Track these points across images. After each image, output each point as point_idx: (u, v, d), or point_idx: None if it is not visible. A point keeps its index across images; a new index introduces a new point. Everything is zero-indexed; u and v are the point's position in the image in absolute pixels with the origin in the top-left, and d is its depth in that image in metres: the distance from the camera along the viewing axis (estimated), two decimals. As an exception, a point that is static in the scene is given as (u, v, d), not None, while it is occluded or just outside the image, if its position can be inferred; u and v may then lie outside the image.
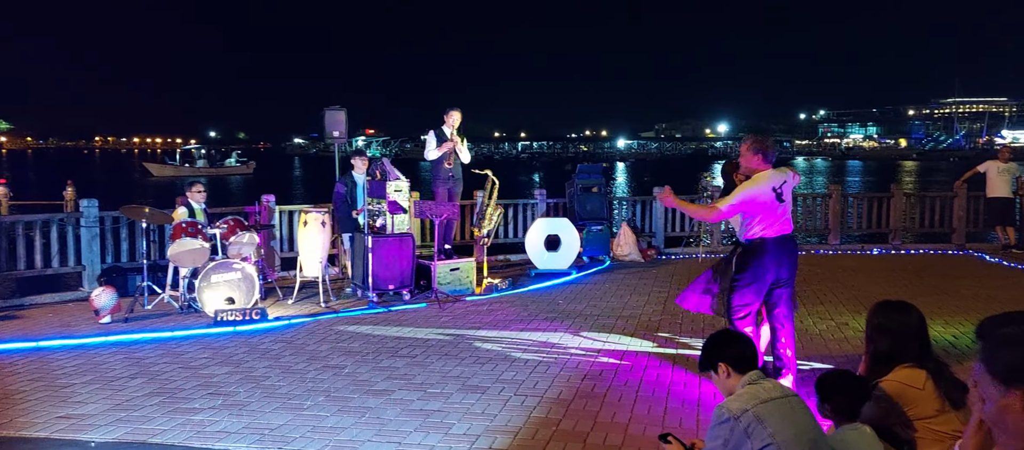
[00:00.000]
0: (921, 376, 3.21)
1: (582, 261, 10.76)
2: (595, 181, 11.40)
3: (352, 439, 4.57)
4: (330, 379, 5.70)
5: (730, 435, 2.75)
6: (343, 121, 10.06)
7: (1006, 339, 1.61)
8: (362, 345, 6.64)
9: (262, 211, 9.78)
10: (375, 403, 5.17)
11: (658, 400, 5.18)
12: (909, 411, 3.20)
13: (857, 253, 12.15)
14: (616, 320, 7.50)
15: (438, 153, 9.37)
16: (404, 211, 8.38)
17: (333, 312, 7.91)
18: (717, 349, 3.03)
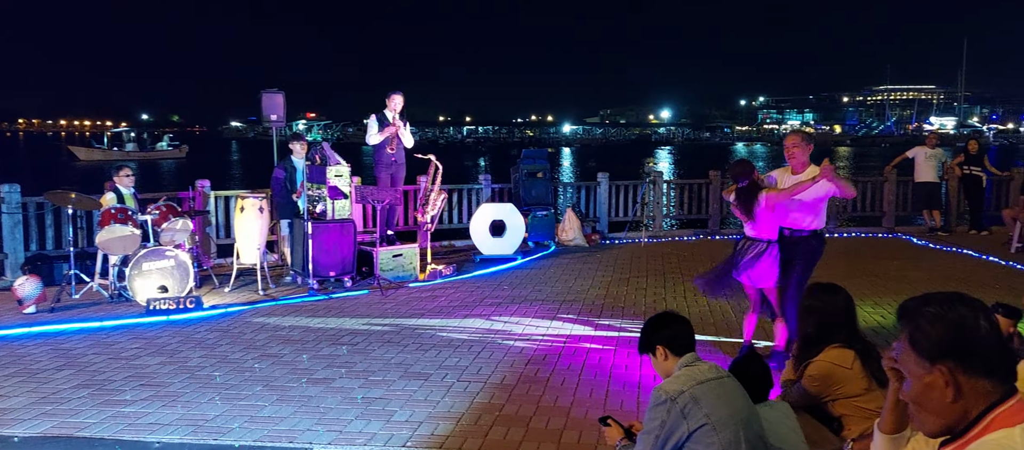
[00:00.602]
0: (849, 356, 3.32)
1: (527, 246, 10.78)
2: (540, 166, 11.41)
3: (291, 428, 4.48)
4: (268, 368, 5.58)
5: (667, 416, 2.78)
6: (281, 104, 9.81)
7: (929, 318, 1.64)
8: (302, 333, 6.52)
9: (197, 197, 9.49)
10: (315, 392, 5.09)
11: (600, 383, 5.22)
12: (838, 390, 3.31)
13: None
14: (560, 304, 7.54)
15: (380, 137, 9.24)
16: (345, 196, 8.24)
17: (272, 300, 7.74)
18: (655, 332, 3.06)
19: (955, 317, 1.61)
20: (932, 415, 1.65)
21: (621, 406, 4.81)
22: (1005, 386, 1.60)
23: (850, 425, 3.25)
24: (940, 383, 1.61)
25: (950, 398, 1.61)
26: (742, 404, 2.83)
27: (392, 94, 9.33)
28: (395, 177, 9.40)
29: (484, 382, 5.26)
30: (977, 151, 12.76)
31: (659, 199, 12.67)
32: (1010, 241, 10.75)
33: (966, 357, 1.59)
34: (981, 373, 1.59)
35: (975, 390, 1.59)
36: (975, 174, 12.48)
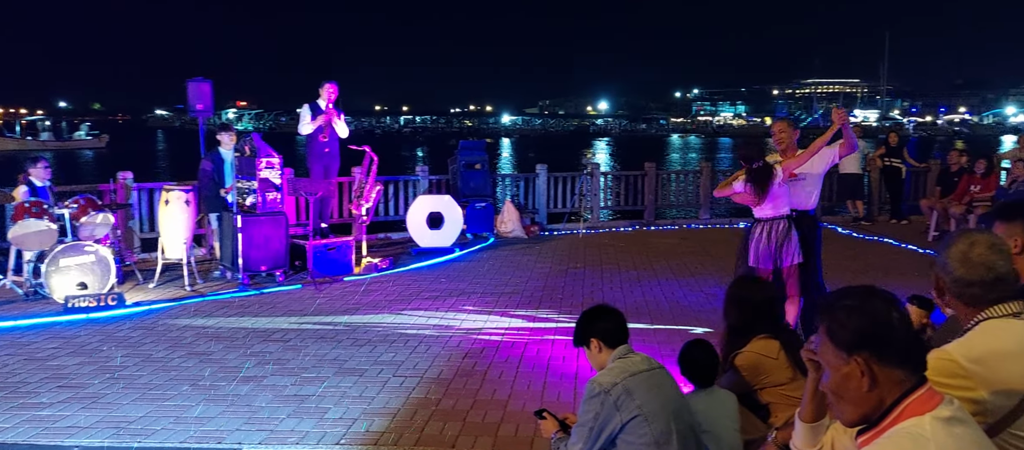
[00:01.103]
0: (775, 346, 3.40)
1: (466, 238, 10.73)
2: (478, 158, 11.35)
3: (219, 429, 4.35)
4: (196, 366, 5.40)
5: (601, 408, 2.79)
6: (209, 94, 9.47)
7: (846, 311, 1.70)
8: (231, 330, 6.33)
9: (118, 189, 9.10)
10: (245, 390, 4.95)
11: (537, 375, 5.23)
12: (765, 379, 3.39)
13: (725, 227, 12.76)
14: (498, 297, 7.52)
15: (312, 127, 9.03)
16: (276, 189, 8.02)
17: (200, 296, 7.49)
18: (589, 324, 3.06)
19: (869, 310, 1.67)
20: (850, 405, 1.70)
21: (558, 397, 4.83)
22: (916, 375, 1.67)
23: (776, 412, 3.34)
24: (856, 373, 1.66)
25: (866, 388, 1.66)
26: (673, 395, 2.86)
27: (326, 83, 9.13)
28: (329, 169, 9.21)
29: (420, 377, 5.20)
30: (897, 143, 13.29)
31: (596, 191, 12.79)
32: (927, 230, 11.23)
33: (880, 348, 1.65)
34: (894, 363, 1.65)
35: (889, 380, 1.65)
36: (895, 166, 12.98)
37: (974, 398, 1.94)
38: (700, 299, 7.45)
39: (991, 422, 1.96)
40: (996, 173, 11.40)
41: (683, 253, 10.02)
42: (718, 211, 13.92)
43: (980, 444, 1.63)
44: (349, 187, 10.42)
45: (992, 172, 11.15)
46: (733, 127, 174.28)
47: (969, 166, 11.38)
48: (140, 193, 9.42)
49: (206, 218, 8.84)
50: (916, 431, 1.58)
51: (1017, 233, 2.55)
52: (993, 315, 2.09)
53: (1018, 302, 2.10)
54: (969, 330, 2.11)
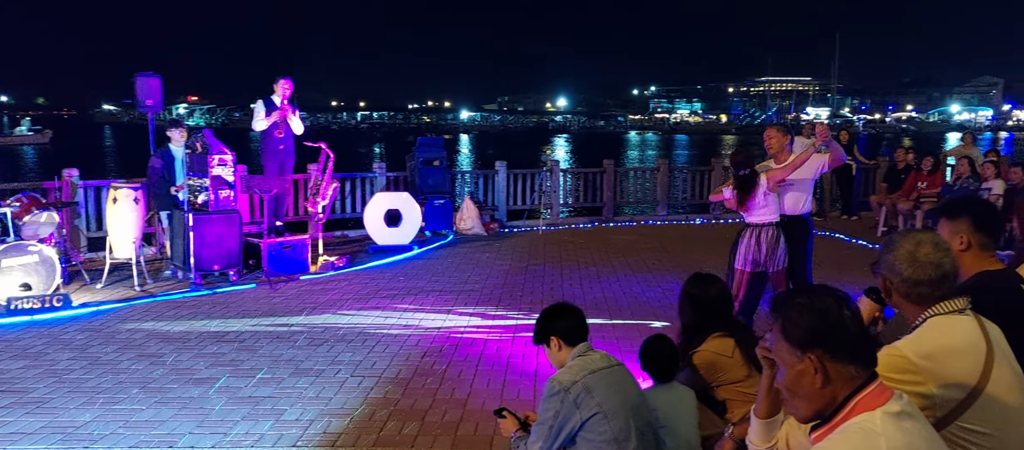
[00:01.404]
0: (730, 345, 3.44)
1: (424, 236, 10.66)
2: (436, 154, 11.28)
3: (171, 433, 4.24)
4: (146, 369, 5.26)
5: (561, 406, 2.79)
6: (158, 89, 9.21)
7: (798, 309, 1.73)
8: (183, 331, 6.18)
9: (63, 187, 8.80)
10: (198, 392, 4.83)
11: (497, 373, 5.21)
12: (722, 376, 3.42)
13: (683, 223, 12.91)
14: (458, 294, 7.48)
15: (267, 123, 8.86)
16: (229, 186, 7.85)
17: (150, 296, 7.30)
18: (549, 322, 3.05)
19: (821, 308, 1.71)
20: (803, 401, 1.74)
21: (518, 395, 4.82)
22: (867, 371, 1.71)
23: (733, 408, 3.38)
24: (810, 370, 1.70)
25: (819, 384, 1.70)
26: (632, 392, 2.87)
27: (281, 79, 8.97)
28: (283, 165, 9.05)
29: (379, 376, 5.14)
30: (848, 141, 13.58)
31: (556, 187, 12.82)
32: (876, 225, 11.52)
33: (832, 345, 1.69)
34: (846, 359, 1.69)
35: (841, 376, 1.69)
36: (846, 163, 13.27)
37: (923, 393, 1.99)
38: (658, 294, 7.51)
39: (939, 415, 2.01)
40: (942, 170, 11.73)
41: (641, 249, 10.10)
42: (675, 208, 14.09)
43: (928, 438, 1.67)
44: (305, 184, 10.26)
45: (938, 169, 11.47)
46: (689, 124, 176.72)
47: (916, 163, 11.69)
48: (87, 191, 9.13)
49: (156, 216, 8.62)
50: (867, 426, 1.62)
51: (963, 231, 2.62)
52: (939, 312, 2.14)
53: (962, 298, 2.16)
54: (917, 327, 2.16)
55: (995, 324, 2.17)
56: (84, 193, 9.09)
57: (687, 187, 14.07)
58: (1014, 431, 2.03)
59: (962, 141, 13.62)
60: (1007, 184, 9.56)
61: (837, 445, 1.65)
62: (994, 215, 2.72)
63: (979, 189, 9.89)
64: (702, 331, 3.49)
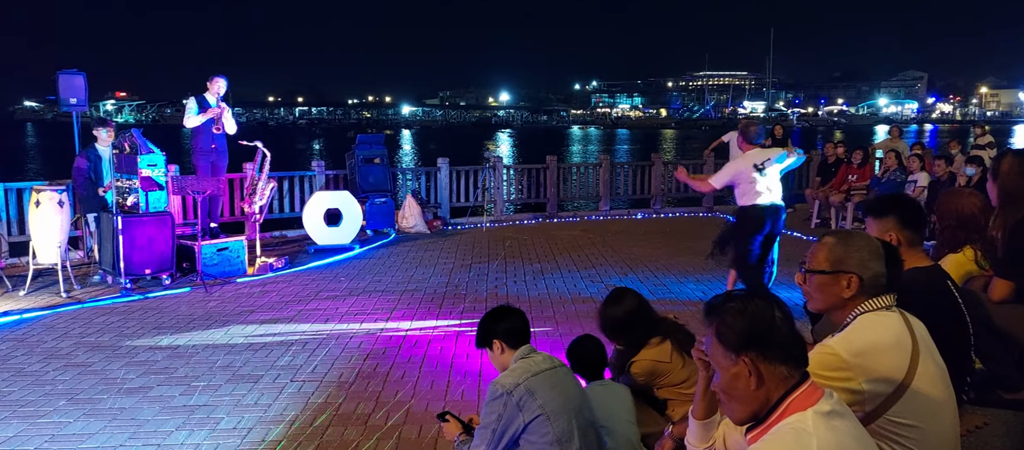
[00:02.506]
0: (667, 349, 3.48)
1: (366, 235, 10.52)
2: (377, 152, 11.14)
3: (101, 445, 4.08)
4: (74, 379, 5.05)
5: (503, 409, 2.78)
6: (83, 87, 8.83)
7: (732, 313, 1.78)
8: (114, 338, 5.95)
9: (-18, 190, 8.39)
10: (130, 402, 4.66)
11: (441, 374, 5.17)
12: (662, 380, 3.47)
13: (624, 217, 13.07)
14: (401, 295, 7.40)
15: (199, 121, 8.59)
16: (161, 187, 7.59)
17: (77, 303, 7.00)
18: (491, 326, 3.04)
19: (753, 311, 1.75)
20: (739, 403, 1.78)
21: (462, 397, 4.79)
22: (800, 370, 1.76)
23: (674, 407, 3.43)
24: (745, 373, 1.74)
25: (754, 386, 1.74)
26: (575, 392, 2.88)
27: (214, 77, 8.71)
28: (217, 165, 8.80)
29: (320, 381, 5.05)
30: (782, 135, 13.94)
31: (500, 184, 12.81)
32: (810, 217, 11.86)
33: (765, 347, 1.73)
34: (779, 360, 1.73)
35: (775, 377, 1.73)
36: (779, 156, 13.61)
37: (853, 389, 2.06)
38: (602, 290, 7.56)
39: (868, 410, 2.08)
40: (871, 163, 12.15)
41: (585, 245, 10.17)
42: (617, 203, 14.24)
43: (856, 436, 1.72)
44: (240, 184, 10.00)
45: (867, 162, 11.87)
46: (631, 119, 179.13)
47: (846, 156, 12.07)
48: (7, 193, 8.71)
49: (83, 219, 8.27)
50: (799, 426, 1.66)
51: (891, 229, 2.70)
52: (869, 309, 2.21)
53: (889, 296, 2.23)
54: (848, 325, 2.22)
55: (921, 319, 2.24)
56: (4, 196, 8.67)
57: (629, 182, 14.24)
58: (938, 423, 2.11)
59: (889, 134, 14.11)
60: (931, 177, 9.95)
61: (771, 446, 1.69)
62: (919, 212, 2.82)
63: (905, 182, 10.27)
64: (633, 344, 3.51)
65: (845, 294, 2.23)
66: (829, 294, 2.25)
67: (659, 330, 3.57)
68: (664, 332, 3.56)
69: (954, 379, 2.26)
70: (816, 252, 2.30)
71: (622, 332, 3.54)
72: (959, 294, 2.72)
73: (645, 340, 3.50)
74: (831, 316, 2.30)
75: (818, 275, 2.26)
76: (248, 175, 9.07)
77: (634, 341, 3.51)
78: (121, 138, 7.64)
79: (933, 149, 17.55)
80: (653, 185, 13.86)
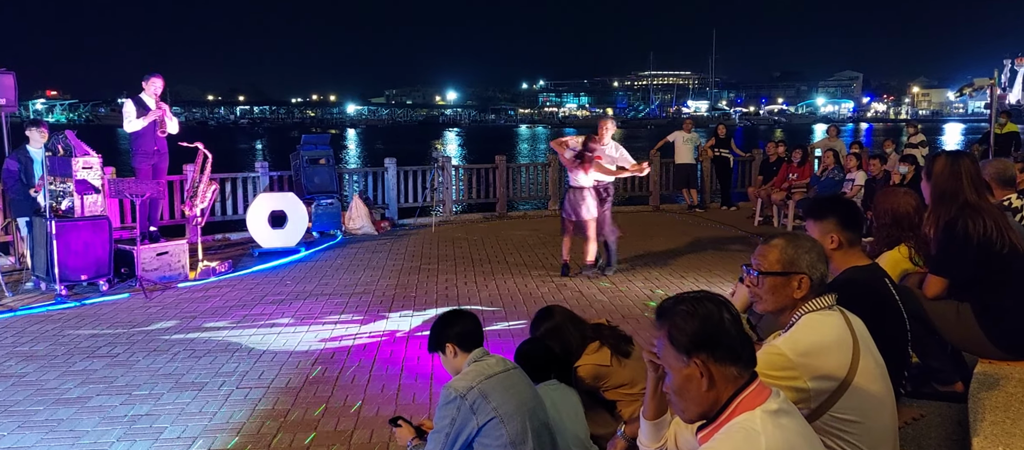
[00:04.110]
0: (606, 355, 3.55)
1: (312, 237, 10.35)
2: (323, 152, 10.99)
3: (37, 460, 3.92)
4: (7, 390, 4.86)
5: (457, 413, 2.77)
6: (12, 86, 8.45)
7: (683, 315, 1.81)
8: (49, 347, 5.74)
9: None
10: (67, 413, 4.50)
11: (392, 378, 5.13)
12: (607, 383, 3.54)
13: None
14: (349, 298, 7.31)
15: (141, 124, 8.32)
16: (97, 191, 7.34)
17: (9, 311, 6.72)
18: (443, 330, 3.03)
19: (703, 313, 1.79)
20: (690, 403, 1.81)
21: (413, 400, 4.76)
22: (748, 370, 1.80)
23: (621, 408, 3.49)
24: (696, 374, 1.77)
25: (705, 387, 1.77)
26: (528, 394, 2.89)
27: (151, 76, 8.45)
28: (157, 167, 8.54)
29: (267, 387, 4.95)
30: (725, 134, 14.26)
31: (448, 184, 12.76)
32: (754, 215, 12.15)
33: (715, 348, 1.76)
34: (728, 361, 1.77)
35: (725, 377, 1.77)
36: (724, 156, 13.93)
37: (799, 387, 2.12)
38: (552, 289, 7.61)
39: (813, 407, 2.14)
40: (810, 162, 12.50)
41: (535, 244, 10.21)
42: (565, 201, 14.30)
43: (802, 434, 1.77)
44: (180, 186, 9.74)
45: (807, 161, 12.22)
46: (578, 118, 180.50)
47: (787, 155, 12.40)
48: (-68, 198, 8.32)
49: (13, 224, 7.94)
50: (748, 425, 1.71)
51: (831, 230, 2.78)
52: (812, 309, 2.27)
53: (830, 296, 2.30)
54: (793, 325, 2.27)
55: (861, 316, 2.31)
56: (-73, 200, 8.27)
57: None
58: (878, 417, 2.20)
59: (827, 134, 14.55)
60: (867, 175, 10.29)
61: (721, 445, 1.73)
62: (857, 213, 2.91)
63: (843, 180, 10.60)
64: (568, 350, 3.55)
65: (796, 295, 2.27)
66: (781, 295, 2.29)
67: (596, 336, 3.63)
68: (600, 337, 3.62)
69: (892, 373, 2.34)
70: (766, 254, 2.32)
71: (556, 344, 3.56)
72: (896, 291, 2.81)
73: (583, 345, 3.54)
74: (777, 316, 2.34)
75: (771, 277, 2.29)
76: (189, 177, 8.83)
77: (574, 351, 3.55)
78: (54, 140, 7.36)
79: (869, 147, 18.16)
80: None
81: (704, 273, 8.31)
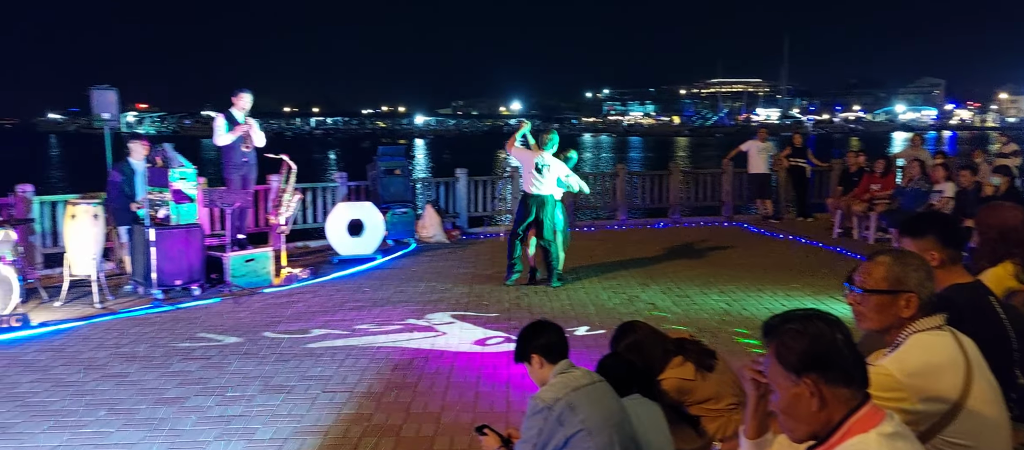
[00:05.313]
0: (690, 369, 3.53)
1: (387, 245, 10.61)
2: (398, 163, 11.29)
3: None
4: (112, 390, 5.16)
5: (544, 424, 2.83)
6: (115, 102, 9.01)
7: (792, 334, 1.79)
8: (148, 348, 6.07)
9: (17, 203, 8.56)
10: (167, 413, 4.77)
11: (469, 385, 5.24)
12: (690, 398, 3.52)
13: (642, 227, 13.09)
14: (424, 304, 7.48)
15: (230, 139, 8.72)
16: (191, 200, 7.73)
17: (111, 313, 7.14)
18: (530, 340, 3.11)
19: (814, 332, 1.76)
20: (800, 423, 1.79)
21: (491, 408, 4.85)
22: (861, 392, 1.77)
23: (706, 423, 3.49)
24: (806, 394, 1.75)
25: (815, 407, 1.75)
26: (615, 408, 2.93)
27: (240, 92, 8.84)
28: (246, 178, 8.93)
29: (350, 391, 5.13)
30: (801, 144, 13.95)
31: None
32: (832, 227, 11.84)
33: (827, 369, 1.74)
34: (841, 382, 1.74)
35: (837, 398, 1.75)
36: (800, 165, 13.63)
37: (907, 409, 2.06)
38: (623, 302, 7.62)
39: (922, 429, 2.08)
40: (893, 172, 12.11)
41: (602, 255, 10.21)
42: (635, 212, 14.27)
43: None
44: (266, 196, 10.15)
45: (890, 171, 11.83)
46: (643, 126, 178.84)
47: (868, 165, 12.05)
48: (41, 206, 8.90)
49: (115, 231, 8.43)
50: (863, 448, 1.69)
51: (930, 247, 2.69)
52: (921, 329, 2.21)
53: (940, 315, 2.24)
54: (900, 345, 2.22)
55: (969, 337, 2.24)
56: (40, 208, 8.86)
57: (646, 191, 14.27)
58: (992, 442, 2.13)
59: (910, 143, 14.07)
60: (957, 187, 9.91)
61: None
62: (957, 228, 2.82)
63: (931, 192, 10.23)
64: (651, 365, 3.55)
65: (903, 314, 2.21)
66: (887, 314, 2.22)
67: (678, 350, 3.62)
68: (683, 352, 3.61)
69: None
70: (871, 271, 2.25)
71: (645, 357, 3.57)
72: (1002, 309, 2.70)
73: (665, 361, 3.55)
74: (882, 336, 2.29)
75: (876, 294, 2.23)
76: (274, 187, 9.20)
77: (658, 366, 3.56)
78: (154, 152, 7.81)
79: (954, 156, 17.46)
80: (672, 194, 13.88)
81: (782, 285, 8.17)
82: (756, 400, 2.09)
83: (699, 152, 71.52)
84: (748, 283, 8.33)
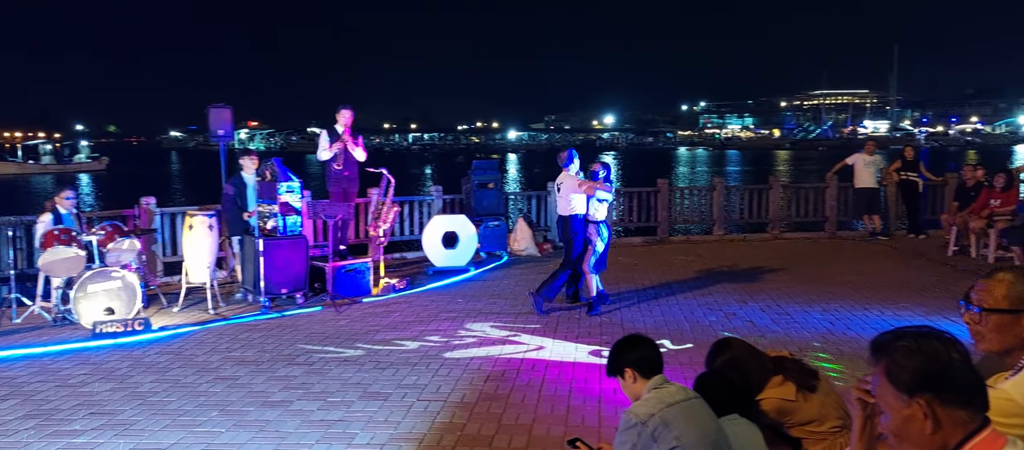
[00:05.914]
0: (791, 390, 3.39)
1: (479, 257, 10.79)
2: (491, 177, 11.46)
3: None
4: (223, 392, 5.46)
5: (637, 439, 2.82)
6: (229, 120, 9.61)
7: (904, 352, 1.68)
8: (256, 353, 6.39)
9: (141, 214, 9.22)
10: (273, 415, 5.00)
11: (560, 399, 5.25)
12: (790, 419, 3.39)
13: (739, 242, 12.76)
14: (516, 317, 7.55)
15: (330, 152, 9.11)
16: (297, 212, 8.12)
17: (223, 319, 7.56)
18: (623, 354, 3.10)
19: (928, 350, 1.65)
20: (913, 446, 1.68)
21: (583, 422, 4.85)
22: (980, 415, 1.65)
23: (808, 446, 3.36)
24: (919, 415, 1.64)
25: (930, 430, 1.64)
26: (712, 426, 2.88)
27: (342, 109, 9.22)
28: (348, 192, 9.29)
29: (444, 401, 5.23)
30: (913, 157, 13.26)
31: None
32: (947, 245, 11.19)
33: (942, 390, 1.63)
34: (958, 404, 1.63)
35: (953, 421, 1.63)
36: (912, 180, 12.95)
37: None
38: (720, 319, 7.45)
39: None
40: (1016, 187, 11.33)
41: (699, 270, 10.02)
42: (731, 227, 13.93)
43: None
44: (366, 208, 10.51)
45: (1012, 185, 11.09)
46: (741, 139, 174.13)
47: (987, 180, 11.34)
48: (162, 217, 9.54)
49: (227, 241, 8.94)
50: None
51: None
52: None
53: None
54: (1023, 368, 2.09)
55: None
56: (161, 219, 9.50)
57: (744, 206, 13.91)
58: None
59: (1034, 156, 13.14)
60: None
61: None
62: None
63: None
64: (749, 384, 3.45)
65: None
66: (1008, 335, 2.11)
67: (778, 369, 3.50)
68: (783, 371, 3.49)
69: None
70: (991, 289, 2.14)
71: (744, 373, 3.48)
72: None
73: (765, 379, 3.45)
74: (1002, 358, 2.16)
75: (997, 314, 2.11)
76: (374, 201, 9.51)
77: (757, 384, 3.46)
78: (264, 166, 8.25)
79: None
80: (771, 209, 13.48)
81: (890, 305, 7.79)
82: (863, 421, 1.98)
83: (800, 166, 69.02)
84: (853, 301, 7.99)
